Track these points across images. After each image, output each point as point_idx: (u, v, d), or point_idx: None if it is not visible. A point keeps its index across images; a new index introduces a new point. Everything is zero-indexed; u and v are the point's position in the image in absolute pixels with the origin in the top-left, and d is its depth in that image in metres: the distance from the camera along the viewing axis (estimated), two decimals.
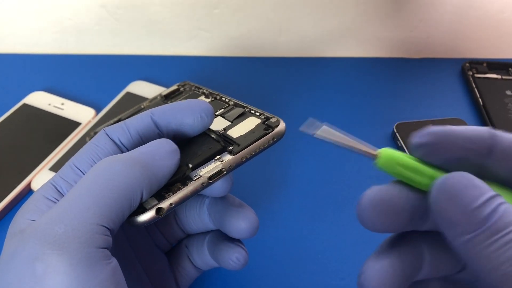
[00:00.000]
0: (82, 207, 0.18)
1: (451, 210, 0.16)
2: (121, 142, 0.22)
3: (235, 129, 0.26)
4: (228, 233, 0.26)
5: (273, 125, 0.24)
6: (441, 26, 0.56)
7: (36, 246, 0.17)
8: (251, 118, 0.26)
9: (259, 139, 0.24)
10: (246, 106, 0.28)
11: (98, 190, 0.18)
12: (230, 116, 0.27)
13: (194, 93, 0.34)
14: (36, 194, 0.21)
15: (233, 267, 0.26)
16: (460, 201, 0.16)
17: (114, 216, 0.18)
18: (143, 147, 0.21)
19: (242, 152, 0.23)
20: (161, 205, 0.20)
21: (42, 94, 0.48)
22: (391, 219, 0.19)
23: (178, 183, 0.22)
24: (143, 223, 0.20)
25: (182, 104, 0.24)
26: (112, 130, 0.22)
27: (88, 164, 0.21)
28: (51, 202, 0.20)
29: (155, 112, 0.23)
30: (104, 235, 0.18)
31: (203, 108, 0.24)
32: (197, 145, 0.24)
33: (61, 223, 0.17)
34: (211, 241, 0.27)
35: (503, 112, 0.48)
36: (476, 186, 0.16)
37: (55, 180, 0.21)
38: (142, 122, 0.23)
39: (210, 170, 0.22)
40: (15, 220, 0.20)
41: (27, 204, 0.20)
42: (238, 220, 0.25)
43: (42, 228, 0.17)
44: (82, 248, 0.17)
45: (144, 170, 0.20)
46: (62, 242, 0.17)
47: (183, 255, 0.29)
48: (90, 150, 0.21)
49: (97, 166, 0.20)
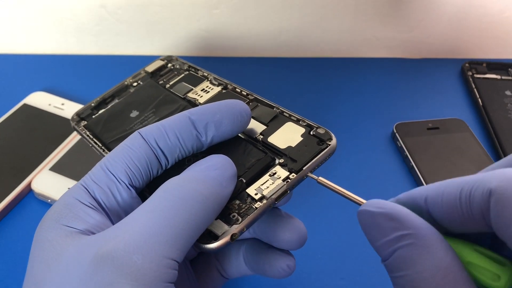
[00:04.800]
0: (160, 239, 0.17)
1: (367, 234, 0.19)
2: (157, 145, 0.21)
3: (276, 136, 0.24)
4: (275, 243, 0.25)
5: (324, 138, 0.23)
6: (441, 26, 0.56)
7: (112, 274, 0.16)
8: (290, 124, 0.25)
9: (317, 155, 0.22)
10: (270, 103, 0.26)
11: (177, 223, 0.18)
12: (262, 118, 0.25)
13: (191, 75, 0.31)
14: (67, 197, 0.20)
15: (282, 275, 0.25)
16: (368, 235, 0.19)
17: (186, 250, 0.18)
18: (210, 170, 0.20)
19: (303, 171, 0.22)
20: (234, 231, 0.20)
21: (42, 94, 0.48)
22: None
23: (235, 199, 0.21)
24: (217, 249, 0.19)
25: (221, 104, 0.23)
26: (148, 131, 0.21)
27: (122, 169, 0.20)
28: (88, 208, 0.19)
29: (193, 112, 0.22)
30: (174, 269, 0.18)
31: (242, 108, 0.23)
32: (239, 153, 0.23)
33: (139, 253, 0.17)
34: (249, 251, 0.27)
35: (502, 112, 0.48)
36: (378, 227, 0.18)
37: (86, 183, 0.20)
38: (180, 123, 0.21)
39: (274, 190, 0.21)
40: (49, 224, 0.19)
41: (59, 208, 0.19)
42: (289, 231, 0.24)
43: (119, 254, 0.17)
44: (155, 283, 0.17)
45: (215, 202, 0.19)
46: (138, 274, 0.17)
47: (211, 266, 0.28)
48: (123, 153, 0.20)
49: (172, 193, 0.19)
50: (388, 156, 0.45)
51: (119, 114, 0.29)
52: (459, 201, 0.17)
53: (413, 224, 0.18)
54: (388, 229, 0.18)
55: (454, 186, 0.18)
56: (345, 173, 0.43)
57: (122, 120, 0.28)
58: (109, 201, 0.20)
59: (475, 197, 0.17)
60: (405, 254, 0.17)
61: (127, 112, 0.29)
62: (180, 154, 0.22)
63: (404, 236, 0.17)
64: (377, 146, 0.46)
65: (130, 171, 0.20)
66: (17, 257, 0.35)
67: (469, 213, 0.17)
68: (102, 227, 0.19)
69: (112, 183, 0.20)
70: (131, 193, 0.20)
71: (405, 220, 0.18)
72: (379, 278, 0.34)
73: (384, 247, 0.18)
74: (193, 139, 0.22)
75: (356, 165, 0.44)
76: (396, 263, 0.17)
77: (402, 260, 0.17)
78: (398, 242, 0.17)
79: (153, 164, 0.21)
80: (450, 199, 0.18)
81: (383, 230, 0.18)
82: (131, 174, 0.20)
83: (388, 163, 0.44)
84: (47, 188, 0.39)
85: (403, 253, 0.17)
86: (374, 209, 0.19)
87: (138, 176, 0.20)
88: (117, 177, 0.20)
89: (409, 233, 0.17)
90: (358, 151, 0.45)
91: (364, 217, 0.19)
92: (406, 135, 0.45)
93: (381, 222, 0.18)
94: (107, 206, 0.20)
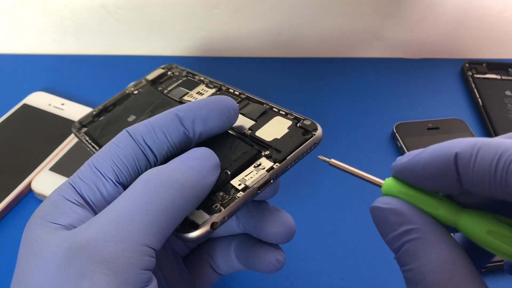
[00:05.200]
0: (133, 227, 0.17)
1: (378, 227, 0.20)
2: (145, 142, 0.21)
3: (264, 130, 0.24)
4: (263, 237, 0.25)
5: (309, 128, 0.23)
6: (441, 26, 0.56)
7: (84, 262, 0.16)
8: (278, 118, 0.25)
9: (301, 145, 0.22)
10: (260, 100, 0.26)
11: (150, 211, 0.18)
12: (251, 114, 0.26)
13: (189, 80, 0.31)
14: (54, 195, 0.20)
15: (272, 270, 0.25)
16: (379, 231, 0.20)
17: (162, 238, 0.18)
18: (189, 160, 0.20)
19: (287, 160, 0.22)
20: (215, 220, 0.20)
21: (42, 94, 0.48)
22: None
23: (219, 191, 0.21)
24: (197, 238, 0.19)
25: (208, 100, 0.23)
26: (135, 129, 0.21)
27: (109, 166, 0.20)
28: (74, 205, 0.19)
29: (180, 109, 0.22)
30: (151, 256, 0.18)
31: (229, 104, 0.23)
32: (226, 148, 0.23)
33: (111, 241, 0.17)
34: (240, 246, 0.27)
35: (502, 112, 0.48)
36: (387, 223, 0.19)
37: (73, 180, 0.20)
38: (167, 120, 0.22)
39: (257, 179, 0.21)
40: (35, 221, 0.19)
41: (46, 206, 0.20)
42: (276, 225, 0.24)
43: (91, 243, 0.17)
44: (130, 270, 0.17)
45: (193, 190, 0.19)
46: (111, 262, 0.16)
47: (204, 261, 0.28)
48: (111, 151, 0.21)
49: (147, 182, 0.19)
50: (388, 156, 0.45)
51: (117, 119, 0.29)
52: (494, 168, 0.16)
53: (418, 219, 0.18)
54: (396, 224, 0.19)
55: (491, 149, 0.17)
56: (345, 173, 0.43)
57: (119, 124, 0.29)
58: (95, 198, 0.20)
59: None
60: (412, 248, 0.18)
61: (125, 117, 0.29)
62: (169, 151, 0.22)
63: (410, 230, 0.18)
64: (377, 146, 0.46)
65: (116, 168, 0.20)
66: (17, 257, 0.35)
67: (503, 182, 0.16)
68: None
69: (98, 180, 0.20)
70: (118, 190, 0.20)
71: (411, 215, 0.19)
72: (379, 278, 0.34)
73: (393, 241, 0.19)
74: (180, 136, 0.22)
75: (356, 165, 0.43)
76: (404, 257, 0.18)
77: (409, 254, 0.18)
78: (405, 236, 0.18)
79: (141, 161, 0.21)
80: (485, 164, 0.17)
81: (391, 225, 0.19)
82: (117, 171, 0.20)
83: (388, 163, 0.44)
84: (47, 188, 0.39)
85: (410, 247, 0.18)
86: (383, 205, 0.20)
87: (125, 173, 0.20)
88: (104, 174, 0.20)
89: (415, 227, 0.18)
90: (358, 151, 0.45)
91: (375, 213, 0.20)
92: (406, 135, 0.45)
93: (389, 218, 0.19)
94: (93, 202, 0.20)
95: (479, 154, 0.17)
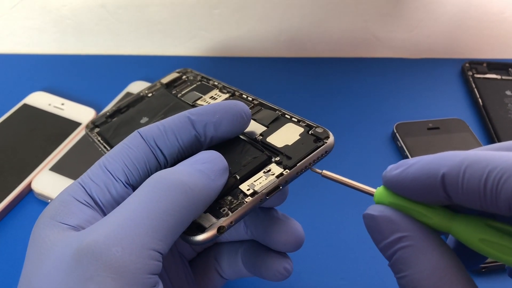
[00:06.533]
0: (140, 231, 0.17)
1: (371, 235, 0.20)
2: (156, 144, 0.21)
3: (275, 136, 0.24)
4: (272, 245, 0.25)
5: (321, 136, 0.23)
6: (441, 26, 0.56)
7: (91, 266, 0.16)
8: (290, 124, 0.25)
9: (312, 152, 0.22)
10: (273, 106, 0.26)
11: (158, 214, 0.18)
12: (263, 120, 0.26)
13: (203, 84, 0.32)
14: (63, 195, 0.20)
15: (279, 278, 0.25)
16: (372, 238, 0.20)
17: (170, 241, 0.18)
18: (197, 163, 0.20)
19: (297, 167, 0.22)
20: (222, 224, 0.19)
21: (42, 94, 0.48)
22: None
23: (228, 195, 0.21)
24: (203, 241, 0.19)
25: (221, 104, 0.22)
26: (147, 131, 0.21)
27: (120, 167, 0.20)
28: (83, 205, 0.19)
29: (193, 112, 0.22)
30: (157, 261, 0.17)
31: (242, 109, 0.22)
32: (237, 152, 0.23)
33: (118, 246, 0.17)
34: (247, 253, 0.26)
35: (503, 112, 0.48)
36: (379, 230, 0.19)
37: (84, 180, 0.20)
38: (179, 123, 0.21)
39: (266, 185, 0.21)
40: (44, 221, 0.19)
41: (55, 205, 0.19)
42: (285, 233, 0.24)
43: (99, 247, 0.17)
44: (137, 275, 0.17)
45: (201, 193, 0.19)
46: (118, 266, 0.16)
47: (210, 266, 0.28)
48: (122, 152, 0.20)
49: (155, 184, 0.19)
50: (388, 156, 0.44)
51: (130, 121, 0.29)
52: (483, 187, 0.16)
53: (409, 227, 0.19)
54: (388, 232, 0.19)
55: (479, 167, 0.16)
56: (345, 173, 0.43)
57: (132, 126, 0.29)
58: (105, 199, 0.20)
59: (504, 188, 0.16)
60: (404, 256, 0.18)
61: (138, 119, 0.29)
62: (179, 154, 0.21)
63: (401, 238, 0.18)
64: (377, 146, 0.46)
65: (127, 169, 0.20)
66: (17, 257, 0.35)
67: (493, 200, 0.16)
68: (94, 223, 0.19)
69: (109, 180, 0.20)
70: (127, 191, 0.20)
71: (402, 223, 0.19)
72: (379, 278, 0.34)
73: (386, 249, 0.19)
74: (191, 139, 0.21)
75: (356, 165, 0.44)
76: (397, 264, 0.18)
77: (402, 262, 0.18)
78: (397, 244, 0.18)
79: (151, 163, 0.21)
80: (473, 183, 0.16)
81: (383, 233, 0.19)
82: (128, 172, 0.20)
83: (388, 163, 0.44)
84: (47, 188, 0.39)
85: (403, 255, 0.18)
86: (375, 213, 0.20)
87: (135, 175, 0.20)
88: (114, 175, 0.20)
89: (406, 235, 0.18)
90: (358, 151, 0.45)
91: (367, 221, 0.20)
92: (407, 135, 0.45)
93: (381, 225, 0.19)
94: (103, 203, 0.20)
95: (466, 173, 0.17)
